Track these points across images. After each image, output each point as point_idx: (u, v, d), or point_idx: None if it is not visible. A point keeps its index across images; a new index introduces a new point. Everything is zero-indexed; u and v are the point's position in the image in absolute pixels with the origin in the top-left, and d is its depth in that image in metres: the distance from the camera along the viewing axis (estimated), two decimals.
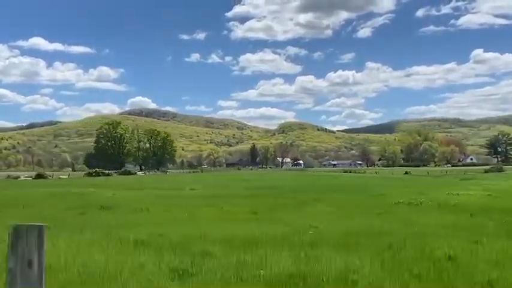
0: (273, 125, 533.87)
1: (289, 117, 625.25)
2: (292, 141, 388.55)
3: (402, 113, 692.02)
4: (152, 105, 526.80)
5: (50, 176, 72.66)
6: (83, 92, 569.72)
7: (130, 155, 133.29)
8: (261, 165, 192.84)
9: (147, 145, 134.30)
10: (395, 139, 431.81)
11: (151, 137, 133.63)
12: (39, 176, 71.54)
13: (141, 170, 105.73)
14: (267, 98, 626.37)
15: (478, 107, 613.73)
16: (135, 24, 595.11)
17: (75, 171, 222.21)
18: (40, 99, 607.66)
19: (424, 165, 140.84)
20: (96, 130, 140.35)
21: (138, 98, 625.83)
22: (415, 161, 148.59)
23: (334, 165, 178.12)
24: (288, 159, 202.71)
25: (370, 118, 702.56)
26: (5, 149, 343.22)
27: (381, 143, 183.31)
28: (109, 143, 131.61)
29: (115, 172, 73.05)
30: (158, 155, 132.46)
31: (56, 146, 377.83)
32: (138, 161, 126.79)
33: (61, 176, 71.95)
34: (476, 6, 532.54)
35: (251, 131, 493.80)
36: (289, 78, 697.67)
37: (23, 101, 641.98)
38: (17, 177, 73.64)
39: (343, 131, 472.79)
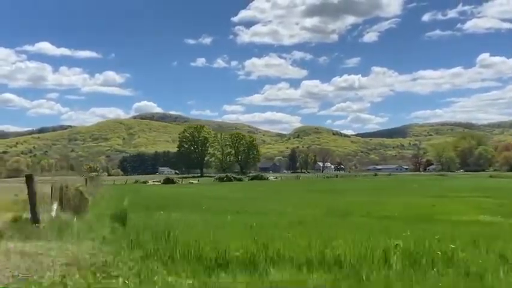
0: (281, 130, 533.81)
1: (295, 121, 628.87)
2: (308, 146, 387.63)
3: (408, 117, 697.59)
4: (157, 110, 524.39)
5: (179, 181, 71.11)
6: (89, 97, 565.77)
7: (214, 159, 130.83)
8: (300, 170, 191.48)
9: (229, 149, 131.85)
10: (409, 143, 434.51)
11: (236, 141, 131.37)
12: (168, 181, 70.07)
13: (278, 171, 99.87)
14: (272, 103, 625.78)
15: (485, 112, 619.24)
16: (141, 29, 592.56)
17: (110, 175, 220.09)
18: (46, 103, 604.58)
19: (483, 170, 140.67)
20: (179, 134, 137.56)
21: (143, 103, 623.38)
22: (471, 166, 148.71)
23: (379, 169, 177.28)
24: (329, 164, 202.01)
25: (375, 123, 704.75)
26: (22, 152, 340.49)
27: (438, 147, 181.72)
28: (192, 147, 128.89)
29: (246, 177, 71.59)
30: (242, 160, 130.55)
31: (72, 150, 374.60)
32: (223, 166, 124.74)
33: (191, 181, 70.52)
34: (482, 10, 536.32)
35: (263, 135, 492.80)
36: (294, 83, 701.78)
37: (29, 106, 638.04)
38: (145, 182, 72.05)
39: (356, 135, 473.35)
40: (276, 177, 79.91)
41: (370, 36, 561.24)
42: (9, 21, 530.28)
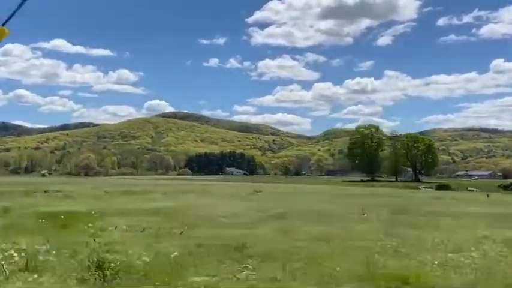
0: (299, 131, 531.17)
1: (305, 123, 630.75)
2: (341, 148, 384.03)
3: (419, 122, 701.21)
4: (170, 109, 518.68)
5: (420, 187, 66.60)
6: (101, 95, 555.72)
7: (388, 162, 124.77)
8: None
9: (403, 151, 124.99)
10: (437, 148, 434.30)
11: (411, 144, 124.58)
12: (442, 188, 65.40)
13: None
14: (283, 104, 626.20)
15: (498, 118, 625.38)
16: (156, 28, 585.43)
17: (180, 174, 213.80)
18: (58, 100, 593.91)
19: None
20: (351, 135, 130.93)
21: (156, 101, 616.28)
22: None
23: (471, 176, 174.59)
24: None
25: (386, 126, 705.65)
26: (55, 149, 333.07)
27: None
28: (363, 150, 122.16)
29: None
30: (418, 164, 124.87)
31: (104, 148, 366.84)
32: (396, 170, 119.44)
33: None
34: (498, 15, 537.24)
35: (287, 136, 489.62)
36: (306, 85, 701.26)
37: (42, 102, 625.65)
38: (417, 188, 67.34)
39: None
40: None
41: (384, 40, 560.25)
42: (25, 19, 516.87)
